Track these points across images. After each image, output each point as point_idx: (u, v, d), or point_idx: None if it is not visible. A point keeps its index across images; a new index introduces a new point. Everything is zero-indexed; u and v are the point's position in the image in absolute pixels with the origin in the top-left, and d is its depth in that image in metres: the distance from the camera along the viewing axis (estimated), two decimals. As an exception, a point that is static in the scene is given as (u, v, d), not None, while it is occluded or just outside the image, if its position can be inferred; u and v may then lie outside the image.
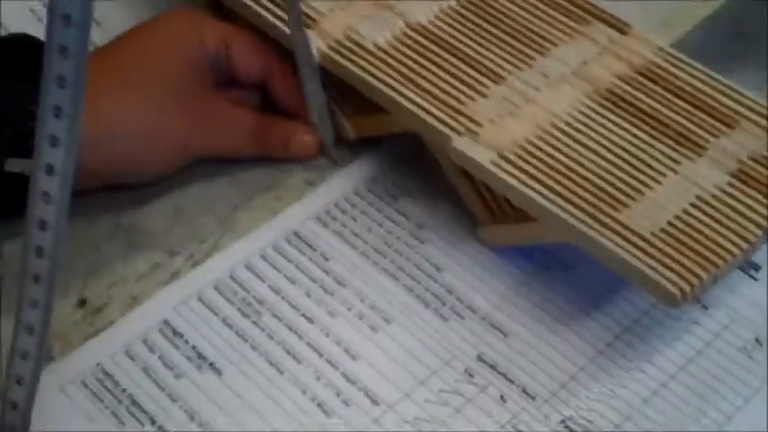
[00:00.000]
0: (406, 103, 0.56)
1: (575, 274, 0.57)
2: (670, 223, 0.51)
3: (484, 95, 0.57)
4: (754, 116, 0.56)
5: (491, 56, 0.59)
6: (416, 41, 0.59)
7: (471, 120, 0.55)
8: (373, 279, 0.57)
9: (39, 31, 0.69)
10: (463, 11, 0.61)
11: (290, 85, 0.62)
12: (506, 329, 0.55)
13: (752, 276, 0.57)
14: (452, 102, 0.56)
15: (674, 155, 0.54)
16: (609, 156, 0.54)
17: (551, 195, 0.52)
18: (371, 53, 0.59)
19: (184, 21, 0.62)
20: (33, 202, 0.40)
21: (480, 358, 0.54)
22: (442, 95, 0.57)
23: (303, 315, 0.56)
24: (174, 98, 0.59)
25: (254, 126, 0.62)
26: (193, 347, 0.54)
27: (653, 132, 0.55)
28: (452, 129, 0.55)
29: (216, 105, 0.61)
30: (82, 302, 0.56)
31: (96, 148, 0.55)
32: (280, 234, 0.59)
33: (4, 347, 0.46)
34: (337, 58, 0.59)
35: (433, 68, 0.58)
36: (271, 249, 0.58)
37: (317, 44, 0.59)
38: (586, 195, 0.52)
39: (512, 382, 0.53)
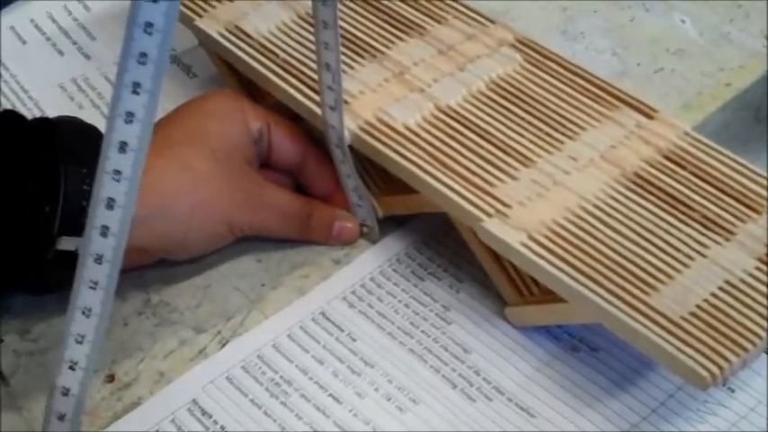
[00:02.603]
0: (435, 184, 0.57)
1: (601, 357, 0.57)
2: (699, 307, 0.51)
3: (513, 178, 0.57)
4: (780, 201, 0.57)
5: (520, 139, 0.59)
6: (446, 124, 0.60)
7: (501, 201, 0.56)
8: (400, 360, 0.57)
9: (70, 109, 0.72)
10: (493, 95, 0.62)
11: (325, 171, 0.63)
12: (533, 411, 0.55)
13: (777, 359, 0.58)
14: (482, 183, 0.57)
15: (702, 239, 0.54)
16: (637, 239, 0.54)
17: (580, 277, 0.52)
18: (401, 134, 0.59)
19: (229, 101, 0.63)
20: (79, 288, 0.40)
21: (507, 439, 0.54)
22: (471, 177, 0.57)
23: (331, 395, 0.56)
24: (221, 176, 0.59)
25: (297, 209, 0.62)
26: (222, 428, 0.54)
27: (681, 216, 0.55)
28: (482, 210, 0.56)
29: (260, 185, 0.61)
30: (110, 378, 0.57)
31: (143, 226, 0.55)
32: (306, 314, 0.60)
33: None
34: (367, 138, 0.59)
35: (463, 150, 0.59)
36: (298, 329, 0.59)
37: (348, 124, 0.60)
38: (615, 278, 0.52)
39: (540, 464, 0.53)
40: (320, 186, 0.64)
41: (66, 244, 0.53)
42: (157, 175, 0.57)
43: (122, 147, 0.38)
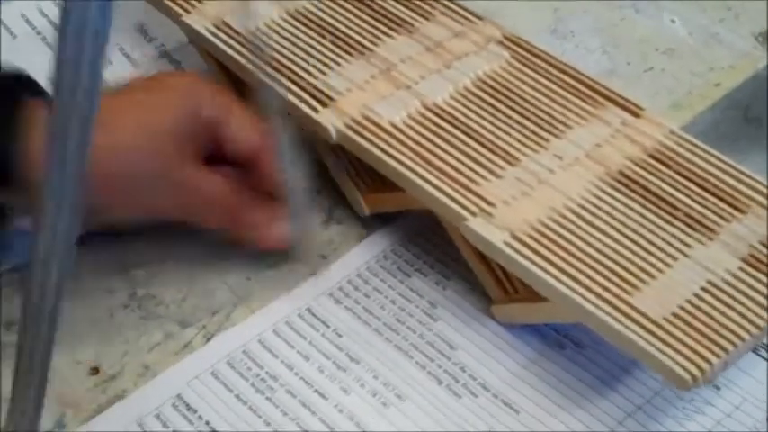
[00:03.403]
0: (420, 182, 0.57)
1: (587, 353, 0.57)
2: (681, 307, 0.51)
3: (498, 176, 0.57)
4: (764, 201, 0.57)
5: (506, 137, 0.59)
6: (432, 121, 0.60)
7: (485, 200, 0.56)
8: (386, 356, 0.57)
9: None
10: (479, 92, 0.62)
11: (276, 169, 0.58)
12: (519, 407, 0.55)
13: (762, 356, 0.58)
14: (466, 182, 0.57)
15: (686, 238, 0.55)
16: (621, 238, 0.54)
17: (563, 277, 0.52)
18: (387, 132, 0.59)
19: (185, 84, 0.61)
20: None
21: (492, 436, 0.54)
22: (456, 175, 0.57)
23: (316, 391, 0.56)
24: (158, 154, 0.58)
25: (229, 199, 0.60)
26: (207, 423, 0.54)
27: (665, 215, 0.56)
28: (466, 208, 0.56)
29: (197, 169, 0.59)
30: (95, 370, 0.57)
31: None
32: (293, 309, 0.60)
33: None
34: (353, 135, 0.59)
35: (448, 148, 0.59)
36: (284, 325, 0.59)
37: (334, 122, 0.60)
38: (598, 278, 0.52)
39: (524, 461, 0.53)
40: (269, 185, 0.60)
41: None
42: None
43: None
